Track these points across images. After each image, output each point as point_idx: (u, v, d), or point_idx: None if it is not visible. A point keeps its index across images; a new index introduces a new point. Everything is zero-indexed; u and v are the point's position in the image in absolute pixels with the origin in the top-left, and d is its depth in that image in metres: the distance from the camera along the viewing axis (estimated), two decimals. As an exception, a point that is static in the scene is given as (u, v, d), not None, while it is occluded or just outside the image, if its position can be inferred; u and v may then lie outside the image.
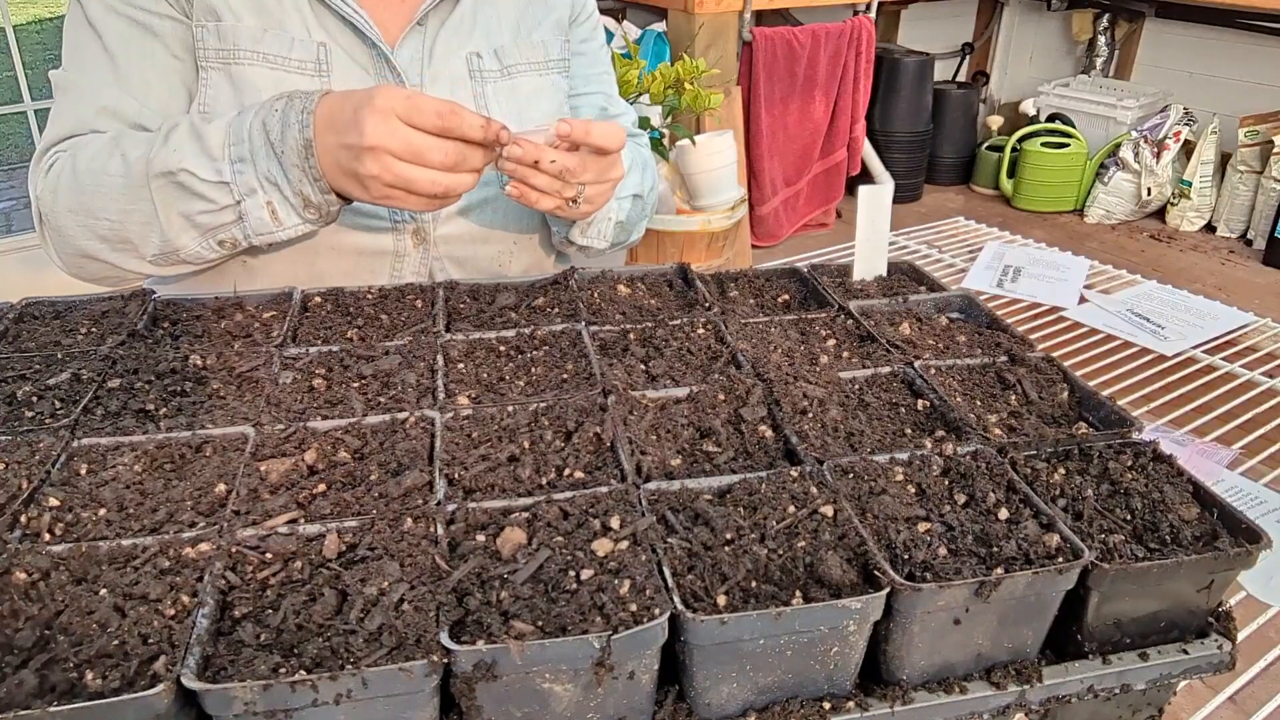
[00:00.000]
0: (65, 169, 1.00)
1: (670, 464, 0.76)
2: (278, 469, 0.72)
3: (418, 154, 0.87)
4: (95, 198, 0.98)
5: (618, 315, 1.01)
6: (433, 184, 0.89)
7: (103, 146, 0.99)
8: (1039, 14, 4.94)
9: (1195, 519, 0.71)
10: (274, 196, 0.94)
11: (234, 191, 0.94)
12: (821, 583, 0.62)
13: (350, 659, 0.55)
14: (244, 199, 0.94)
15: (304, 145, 0.91)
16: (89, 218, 0.99)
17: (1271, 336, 1.41)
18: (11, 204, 4.66)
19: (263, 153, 0.93)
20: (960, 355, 0.94)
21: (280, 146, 0.92)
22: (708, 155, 2.88)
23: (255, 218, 0.95)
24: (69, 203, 1.00)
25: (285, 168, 0.93)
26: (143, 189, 0.95)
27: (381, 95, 0.87)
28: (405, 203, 0.92)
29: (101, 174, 0.97)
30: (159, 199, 0.95)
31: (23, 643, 0.56)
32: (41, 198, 1.02)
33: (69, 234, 1.01)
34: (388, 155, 0.87)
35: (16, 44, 3.04)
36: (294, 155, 0.92)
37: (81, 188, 0.98)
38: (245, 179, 0.94)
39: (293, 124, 0.91)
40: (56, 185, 1.00)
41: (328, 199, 0.95)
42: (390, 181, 0.89)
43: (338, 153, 0.90)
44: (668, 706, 0.62)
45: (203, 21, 1.03)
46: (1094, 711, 0.73)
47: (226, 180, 0.94)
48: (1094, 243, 4.13)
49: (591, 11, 1.29)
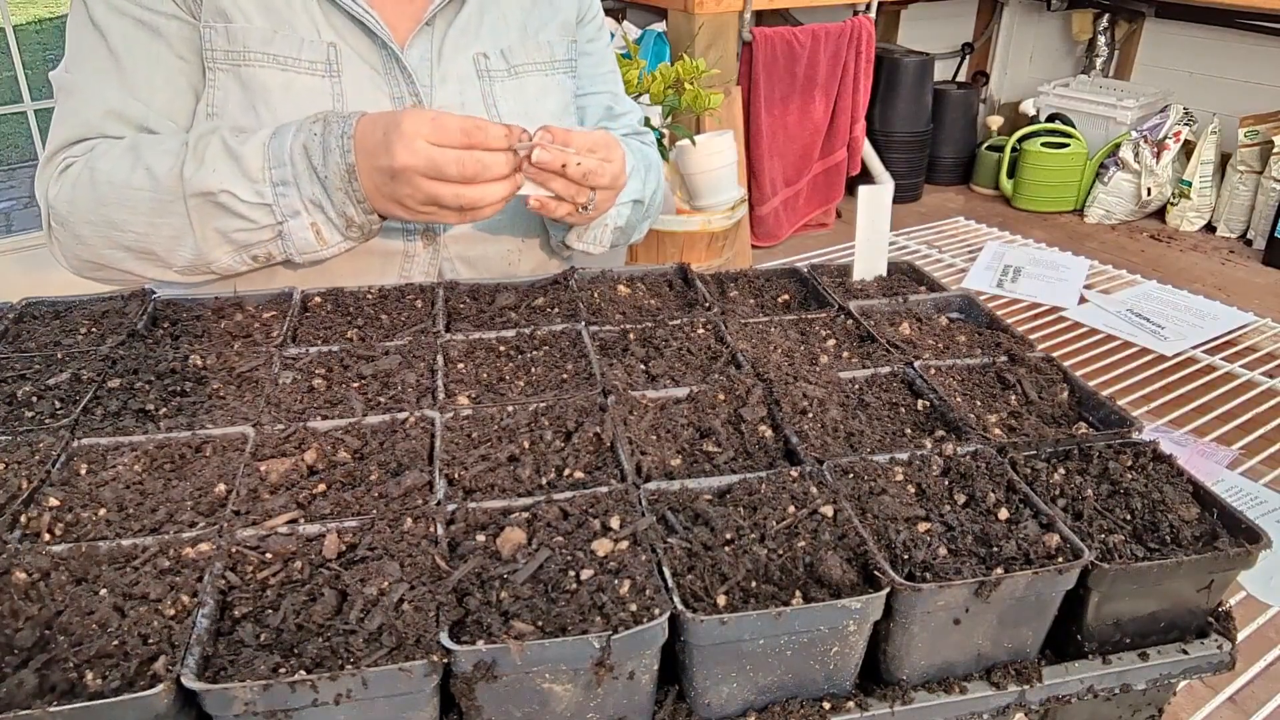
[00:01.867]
0: (83, 179, 1.00)
1: (670, 464, 0.76)
2: (278, 469, 0.72)
3: (439, 170, 0.90)
4: (119, 210, 0.98)
5: (618, 315, 1.01)
6: (456, 197, 0.91)
7: (121, 156, 0.99)
8: (1039, 14, 4.94)
9: (1195, 519, 0.71)
10: (319, 218, 0.97)
11: (276, 212, 0.97)
12: (821, 583, 0.62)
13: (350, 659, 0.55)
14: (287, 220, 0.97)
15: (347, 170, 0.94)
16: (111, 229, 1.00)
17: (1271, 336, 1.41)
18: (11, 204, 4.66)
19: (306, 177, 0.96)
20: (960, 355, 0.94)
21: (324, 171, 0.95)
22: (708, 155, 2.88)
23: (300, 238, 0.98)
24: (89, 215, 1.00)
25: (329, 191, 0.96)
26: (175, 204, 0.97)
27: (408, 119, 0.90)
28: (441, 217, 0.96)
29: (125, 187, 0.98)
30: (195, 216, 0.97)
31: (23, 643, 0.56)
32: (56, 205, 1.02)
33: (88, 243, 1.02)
34: (415, 175, 0.90)
35: (16, 44, 3.04)
36: (337, 179, 0.94)
37: (103, 200, 0.99)
38: (289, 201, 0.96)
39: (334, 149, 0.94)
40: (74, 195, 1.00)
41: (370, 219, 0.98)
42: (421, 200, 0.92)
43: (374, 175, 0.93)
44: (668, 706, 0.62)
45: (211, 23, 1.02)
46: (1094, 711, 0.73)
47: (269, 202, 0.96)
48: (1094, 243, 4.13)
49: (597, 12, 1.29)
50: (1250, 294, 3.59)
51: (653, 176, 1.26)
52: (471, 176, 0.91)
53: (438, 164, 0.89)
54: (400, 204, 0.94)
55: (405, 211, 0.95)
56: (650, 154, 1.29)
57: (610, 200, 1.06)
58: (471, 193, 0.92)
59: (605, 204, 1.06)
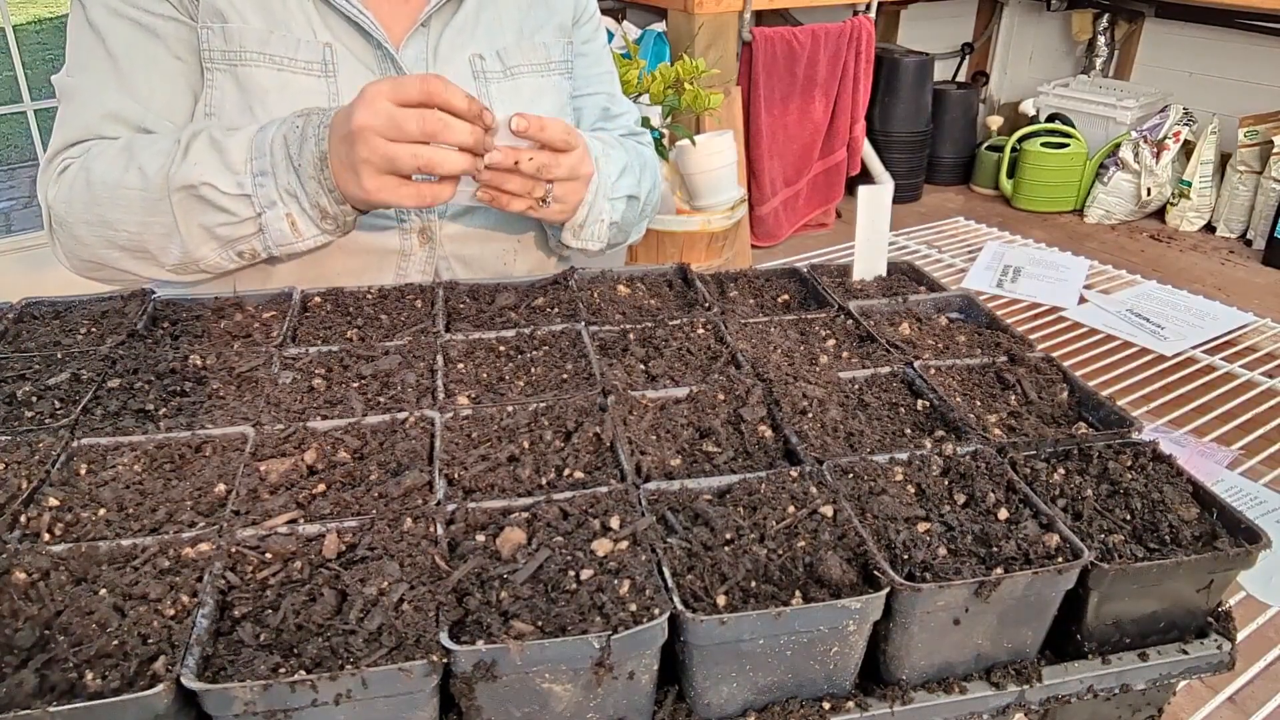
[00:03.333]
0: (79, 181, 1.00)
1: (670, 464, 0.76)
2: (277, 469, 0.72)
3: (397, 126, 0.88)
4: (113, 210, 0.99)
5: (617, 315, 1.01)
6: (414, 157, 0.90)
7: (116, 157, 1.00)
8: (1039, 14, 4.94)
9: (1195, 519, 0.71)
10: (293, 209, 0.97)
11: (255, 203, 0.96)
12: (821, 583, 0.62)
13: (350, 659, 0.55)
14: (264, 211, 0.96)
15: (319, 158, 0.93)
16: (107, 229, 1.00)
17: (1271, 336, 1.41)
18: (11, 204, 4.66)
19: (283, 166, 0.95)
20: (960, 355, 0.94)
21: (299, 160, 0.94)
22: (708, 155, 2.88)
23: (275, 229, 0.98)
24: (84, 214, 1.00)
25: (303, 180, 0.95)
26: (162, 202, 0.97)
27: (371, 85, 0.90)
28: (397, 194, 0.93)
29: (118, 187, 0.98)
30: (179, 211, 0.97)
31: (23, 643, 0.56)
32: (54, 207, 1.03)
33: (86, 243, 1.02)
34: (372, 134, 0.88)
35: (16, 44, 3.04)
36: (310, 168, 0.94)
37: (97, 200, 0.99)
38: (266, 191, 0.96)
39: (310, 138, 0.94)
40: (70, 196, 1.01)
41: (343, 209, 0.97)
42: (379, 165, 0.90)
43: (339, 150, 0.92)
44: (667, 706, 0.62)
45: (208, 23, 1.03)
46: (1093, 711, 0.73)
47: (248, 193, 0.96)
48: (1094, 243, 4.13)
49: (593, 13, 1.29)
50: (1250, 294, 3.59)
51: (648, 175, 1.26)
52: (432, 134, 0.89)
53: (397, 121, 0.88)
54: (356, 174, 0.91)
55: (359, 186, 0.92)
56: (646, 153, 1.28)
57: (577, 191, 1.06)
58: (429, 152, 0.90)
59: (572, 196, 1.06)
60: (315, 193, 0.95)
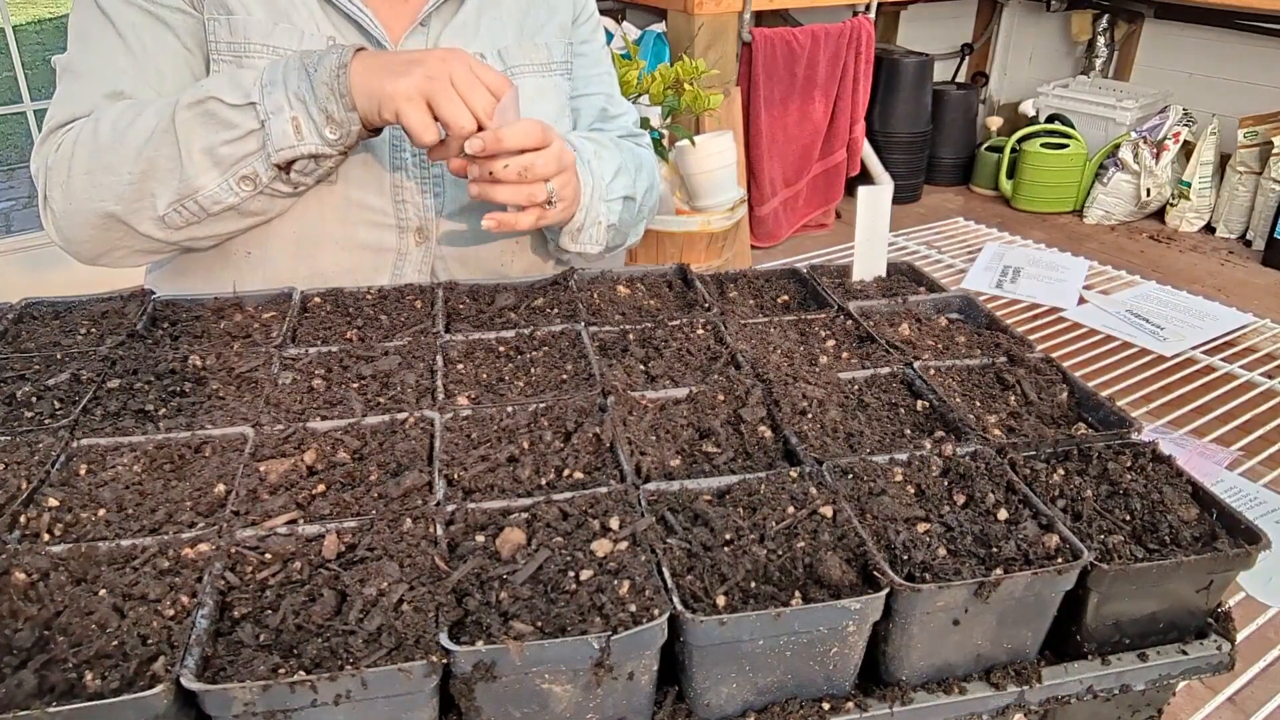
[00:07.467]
0: (86, 131, 1.01)
1: (670, 464, 0.76)
2: (277, 469, 0.72)
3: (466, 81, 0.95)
4: (114, 153, 0.99)
5: (617, 316, 1.01)
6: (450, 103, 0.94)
7: (129, 106, 1.01)
8: (1038, 15, 4.94)
9: (1194, 520, 0.71)
10: (300, 112, 0.97)
11: (260, 111, 0.97)
12: (821, 583, 0.62)
13: (350, 659, 0.55)
14: (270, 118, 0.97)
15: (338, 67, 0.96)
16: (107, 174, 1.00)
17: (1271, 337, 1.41)
18: (11, 204, 4.66)
19: (295, 74, 0.97)
20: (959, 356, 0.94)
21: (314, 69, 0.97)
22: (707, 156, 2.89)
23: (279, 131, 0.97)
24: (86, 164, 1.00)
25: (314, 84, 0.96)
26: (168, 132, 0.98)
27: None
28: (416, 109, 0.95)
29: (128, 129, 0.99)
30: (183, 135, 0.97)
31: (22, 643, 0.56)
32: (54, 168, 1.02)
33: (80, 199, 1.01)
34: (449, 66, 0.95)
35: (16, 44, 3.04)
36: (325, 74, 0.96)
37: (102, 146, 0.99)
38: (274, 98, 0.97)
39: (332, 54, 0.97)
40: (73, 151, 1.01)
41: (350, 117, 0.98)
42: (425, 87, 0.94)
43: (391, 61, 0.96)
44: (667, 707, 0.62)
45: (214, 15, 1.05)
46: (1093, 712, 0.73)
47: (254, 100, 0.97)
48: (1093, 243, 4.13)
49: (592, 12, 1.29)
50: (1249, 294, 3.59)
51: (643, 175, 1.25)
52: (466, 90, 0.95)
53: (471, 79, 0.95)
54: (403, 74, 0.94)
55: (397, 84, 0.95)
56: (642, 154, 1.28)
57: (570, 183, 1.06)
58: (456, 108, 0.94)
59: (567, 188, 1.06)
60: (325, 97, 0.96)
